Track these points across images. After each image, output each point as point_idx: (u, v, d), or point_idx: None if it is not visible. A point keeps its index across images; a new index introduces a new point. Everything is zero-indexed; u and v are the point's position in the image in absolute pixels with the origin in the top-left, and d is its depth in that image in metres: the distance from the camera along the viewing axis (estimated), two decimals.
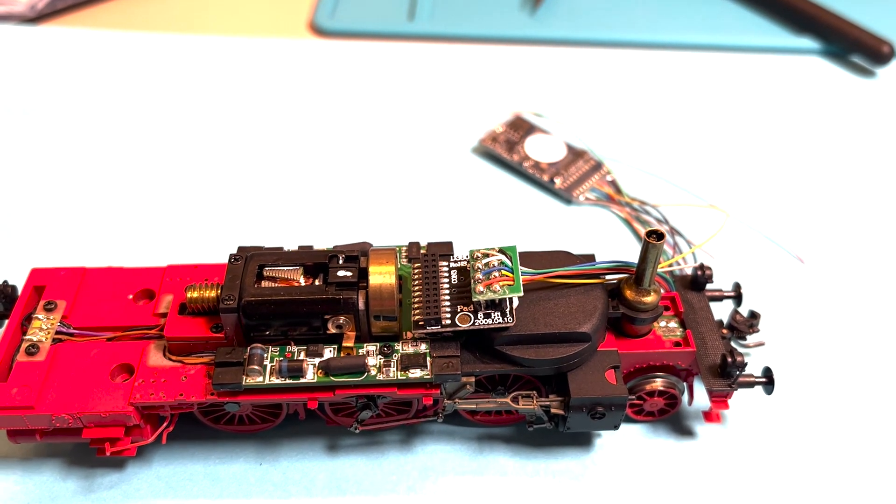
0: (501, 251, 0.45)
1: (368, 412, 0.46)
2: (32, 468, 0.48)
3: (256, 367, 0.43)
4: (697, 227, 0.61)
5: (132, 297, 0.49)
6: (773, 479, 0.48)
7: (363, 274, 0.45)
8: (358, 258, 0.45)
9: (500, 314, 0.44)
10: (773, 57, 0.79)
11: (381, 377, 0.43)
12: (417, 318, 0.44)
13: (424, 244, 0.48)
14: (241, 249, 0.47)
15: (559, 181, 0.64)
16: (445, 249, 0.47)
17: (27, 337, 0.46)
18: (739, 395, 0.50)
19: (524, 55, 0.78)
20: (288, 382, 0.43)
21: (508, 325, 0.44)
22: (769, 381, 0.48)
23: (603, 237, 0.62)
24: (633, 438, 0.50)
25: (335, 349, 0.44)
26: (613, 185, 0.65)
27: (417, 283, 0.46)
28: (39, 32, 0.79)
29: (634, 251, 0.52)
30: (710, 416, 0.51)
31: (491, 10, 0.83)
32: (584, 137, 0.68)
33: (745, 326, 0.53)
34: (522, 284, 0.44)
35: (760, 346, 0.54)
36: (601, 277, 0.47)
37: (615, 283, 0.47)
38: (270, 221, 0.62)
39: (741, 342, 0.54)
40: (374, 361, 0.44)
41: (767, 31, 0.81)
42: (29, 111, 0.71)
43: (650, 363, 0.48)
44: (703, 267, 0.51)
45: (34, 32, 0.79)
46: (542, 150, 0.66)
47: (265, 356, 0.44)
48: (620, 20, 0.82)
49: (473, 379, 0.45)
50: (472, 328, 0.44)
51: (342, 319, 0.44)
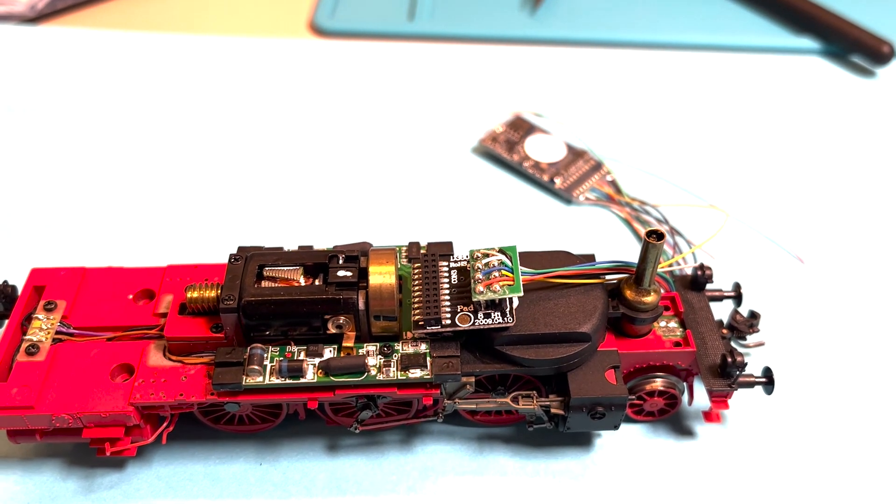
0: (501, 251, 0.45)
1: (368, 412, 0.46)
2: (32, 468, 0.48)
3: (256, 367, 0.43)
4: (697, 227, 0.61)
5: (132, 297, 0.49)
6: (773, 479, 0.48)
7: (363, 274, 0.45)
8: (358, 258, 0.45)
9: (500, 314, 0.44)
10: (773, 57, 0.79)
11: (381, 377, 0.43)
12: (417, 318, 0.44)
13: (424, 244, 0.48)
14: (241, 249, 0.47)
15: (559, 181, 0.64)
16: (445, 249, 0.47)
17: (27, 337, 0.46)
18: (739, 395, 0.50)
19: (524, 55, 0.78)
20: (288, 382, 0.43)
21: (508, 325, 0.44)
22: (769, 381, 0.48)
23: (603, 237, 0.62)
24: (633, 438, 0.50)
25: (335, 349, 0.44)
26: (613, 185, 0.65)
27: (417, 283, 0.46)
28: (39, 32, 0.79)
29: (634, 251, 0.52)
30: (710, 416, 0.51)
31: (491, 10, 0.83)
32: (584, 137, 0.68)
33: (745, 326, 0.53)
34: (522, 284, 0.44)
35: (760, 346, 0.54)
36: (601, 277, 0.47)
37: (615, 283, 0.47)
38: (270, 221, 0.62)
39: (741, 342, 0.54)
40: (374, 361, 0.44)
41: (767, 31, 0.81)
42: (29, 111, 0.71)
43: (650, 363, 0.48)
44: (703, 267, 0.51)
45: (34, 32, 0.79)
46: (542, 150, 0.66)
47: (265, 356, 0.44)
48: (620, 20, 0.82)
49: (473, 379, 0.45)
50: (472, 328, 0.44)
51: (342, 319, 0.44)
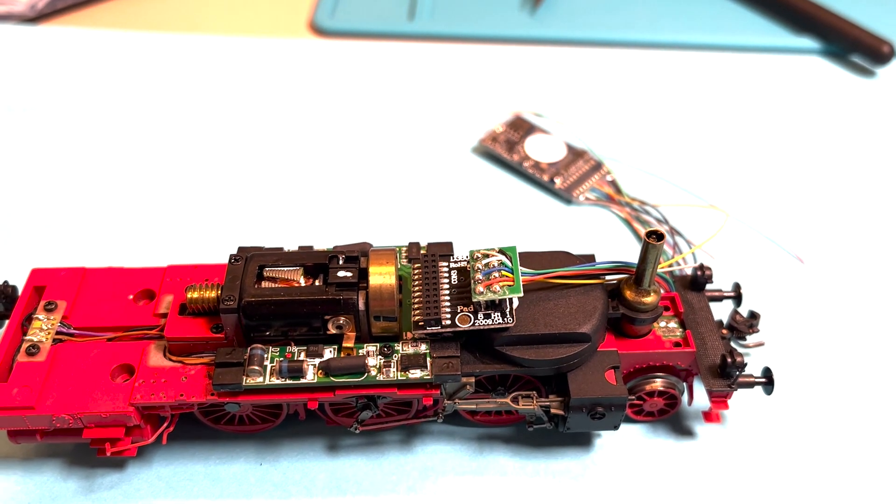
0: (501, 251, 0.45)
1: (368, 412, 0.46)
2: (33, 468, 0.48)
3: (257, 367, 0.43)
4: (697, 227, 0.62)
5: (132, 297, 0.49)
6: (772, 479, 0.48)
7: (363, 274, 0.45)
8: (358, 258, 0.45)
9: (500, 314, 0.44)
10: (773, 57, 0.79)
11: (381, 377, 0.43)
12: (417, 318, 0.44)
13: (424, 244, 0.48)
14: (241, 250, 0.47)
15: (559, 181, 0.64)
16: (445, 250, 0.47)
17: (27, 337, 0.46)
18: (739, 395, 0.50)
19: (524, 55, 0.78)
20: (288, 383, 0.43)
21: (508, 325, 0.44)
22: (769, 381, 0.48)
23: (603, 237, 0.62)
24: (632, 438, 0.50)
25: (335, 349, 0.45)
26: (613, 185, 0.65)
27: (417, 283, 0.46)
28: (39, 32, 0.79)
29: (634, 251, 0.52)
30: (709, 416, 0.51)
31: (491, 10, 0.83)
32: (584, 137, 0.68)
33: (744, 327, 0.53)
34: (522, 285, 0.44)
35: (760, 346, 0.54)
36: (601, 278, 0.47)
37: (615, 283, 0.47)
38: (270, 222, 0.62)
39: (741, 342, 0.54)
40: (374, 362, 0.44)
41: (767, 30, 0.81)
42: (29, 111, 0.71)
43: (650, 363, 0.48)
44: (702, 267, 0.51)
45: (34, 32, 0.79)
46: (542, 150, 0.66)
47: (265, 356, 0.44)
48: (620, 20, 0.82)
49: (473, 379, 0.45)
50: (472, 329, 0.44)
51: (342, 320, 0.44)
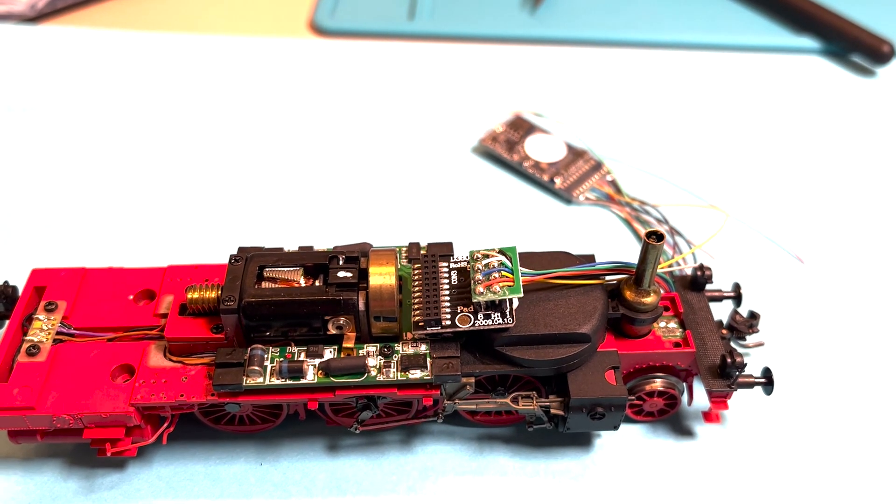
0: (501, 252, 0.45)
1: (369, 412, 0.46)
2: (33, 468, 0.48)
3: (257, 367, 0.43)
4: (697, 227, 0.62)
5: (133, 297, 0.49)
6: (772, 479, 0.48)
7: (363, 275, 0.45)
8: (358, 259, 0.45)
9: (500, 315, 0.44)
10: (773, 56, 0.79)
11: (381, 378, 0.43)
12: (417, 318, 0.44)
13: (424, 245, 0.48)
14: (241, 250, 0.47)
15: (559, 181, 0.64)
16: (445, 250, 0.47)
17: (28, 337, 0.46)
18: (739, 395, 0.50)
19: (524, 55, 0.78)
20: (288, 383, 0.43)
21: (508, 325, 0.44)
22: (768, 381, 0.48)
23: (603, 237, 0.62)
24: (632, 439, 0.50)
25: (335, 350, 0.45)
26: (613, 185, 0.65)
27: (417, 283, 0.46)
28: (39, 32, 0.79)
29: (634, 251, 0.52)
30: (709, 416, 0.51)
31: (491, 9, 0.83)
32: (584, 137, 0.68)
33: (744, 327, 0.53)
34: (522, 285, 0.44)
35: (760, 346, 0.54)
36: (601, 278, 0.47)
37: (615, 283, 0.47)
38: (271, 222, 0.62)
39: (741, 342, 0.54)
40: (374, 362, 0.44)
41: (767, 30, 0.81)
42: (29, 111, 0.71)
43: (650, 364, 0.48)
44: (702, 267, 0.51)
45: (34, 32, 0.79)
46: (542, 149, 0.66)
47: (265, 357, 0.44)
48: (620, 20, 0.82)
49: (473, 380, 0.45)
50: (472, 329, 0.44)
51: (342, 320, 0.44)
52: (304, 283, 0.45)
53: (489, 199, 0.64)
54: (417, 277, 0.46)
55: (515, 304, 0.45)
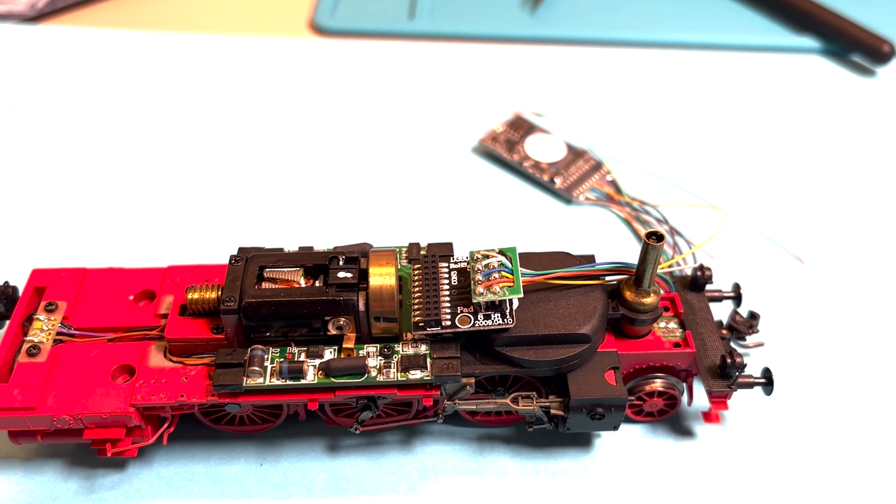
0: (501, 252, 0.45)
1: (369, 413, 0.46)
2: (34, 469, 0.48)
3: (257, 368, 0.43)
4: (697, 227, 0.62)
5: (133, 297, 0.49)
6: (772, 479, 0.48)
7: (363, 275, 0.45)
8: (358, 259, 0.45)
9: (499, 315, 0.44)
10: (773, 56, 0.79)
11: (381, 378, 0.43)
12: (417, 319, 0.44)
13: (424, 245, 0.48)
14: (241, 250, 0.47)
15: (559, 181, 0.64)
16: (445, 250, 0.47)
17: (28, 338, 0.46)
18: (739, 395, 0.50)
19: (524, 55, 0.78)
20: (288, 384, 0.43)
21: (508, 326, 0.44)
22: (768, 381, 0.48)
23: (603, 237, 0.62)
24: (632, 439, 0.50)
25: (335, 350, 0.45)
26: (613, 185, 0.65)
27: (417, 284, 0.46)
28: (39, 32, 0.79)
29: (634, 251, 0.52)
30: (709, 416, 0.51)
31: (491, 9, 0.83)
32: (584, 137, 0.68)
33: (744, 327, 0.53)
34: (522, 286, 0.44)
35: (760, 346, 0.54)
36: (601, 278, 0.47)
37: (615, 283, 0.47)
38: (271, 222, 0.62)
39: (741, 343, 0.54)
40: (374, 363, 0.44)
41: (767, 30, 0.81)
42: (29, 111, 0.71)
43: (650, 364, 0.48)
44: (702, 267, 0.51)
45: (34, 32, 0.79)
46: (542, 149, 0.66)
47: (266, 357, 0.44)
48: (620, 20, 0.82)
49: (473, 380, 0.45)
50: (472, 329, 0.44)
51: (342, 321, 0.44)
52: (304, 283, 0.45)
53: (489, 199, 0.64)
54: (417, 278, 0.46)
55: (515, 304, 0.45)
